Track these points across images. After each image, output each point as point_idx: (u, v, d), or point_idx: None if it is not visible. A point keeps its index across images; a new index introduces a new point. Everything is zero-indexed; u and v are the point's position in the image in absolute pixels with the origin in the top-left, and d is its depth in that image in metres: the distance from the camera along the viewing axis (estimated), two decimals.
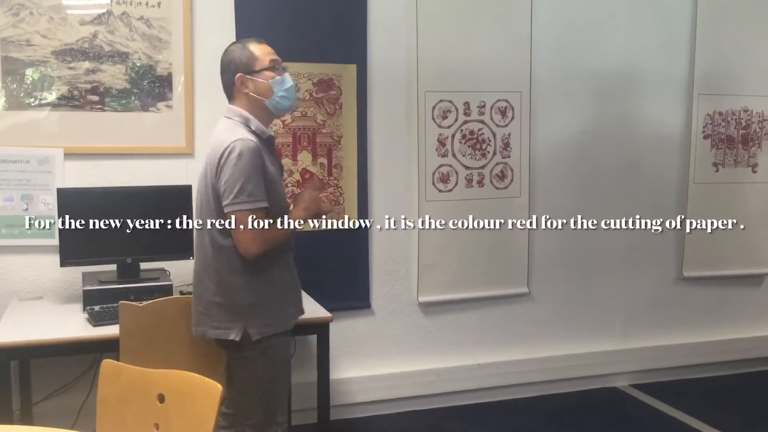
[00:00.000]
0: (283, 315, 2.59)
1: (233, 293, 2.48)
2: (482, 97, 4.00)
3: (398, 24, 3.85)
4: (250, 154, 2.39)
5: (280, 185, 2.60)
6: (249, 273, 2.47)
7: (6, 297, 3.35)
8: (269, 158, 2.52)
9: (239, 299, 2.48)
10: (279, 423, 2.61)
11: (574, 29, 4.17)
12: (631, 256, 4.38)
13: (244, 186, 2.37)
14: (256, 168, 2.40)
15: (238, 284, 2.48)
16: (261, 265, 2.48)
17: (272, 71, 2.53)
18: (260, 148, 2.45)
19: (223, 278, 2.48)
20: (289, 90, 2.56)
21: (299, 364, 3.73)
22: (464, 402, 4.10)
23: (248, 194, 2.38)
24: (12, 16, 3.29)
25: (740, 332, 4.65)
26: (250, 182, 2.38)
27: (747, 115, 4.50)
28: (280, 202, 2.54)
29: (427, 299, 4.02)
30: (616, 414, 4.05)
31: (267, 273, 2.51)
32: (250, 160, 2.39)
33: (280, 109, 2.59)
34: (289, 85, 2.56)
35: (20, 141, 3.34)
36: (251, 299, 2.49)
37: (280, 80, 2.53)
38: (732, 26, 4.38)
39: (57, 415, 3.33)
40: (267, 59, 2.54)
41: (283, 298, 2.59)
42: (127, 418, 1.99)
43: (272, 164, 2.53)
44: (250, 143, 2.41)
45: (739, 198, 4.51)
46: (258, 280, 2.49)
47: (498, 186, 4.08)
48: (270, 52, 2.57)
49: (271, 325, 2.52)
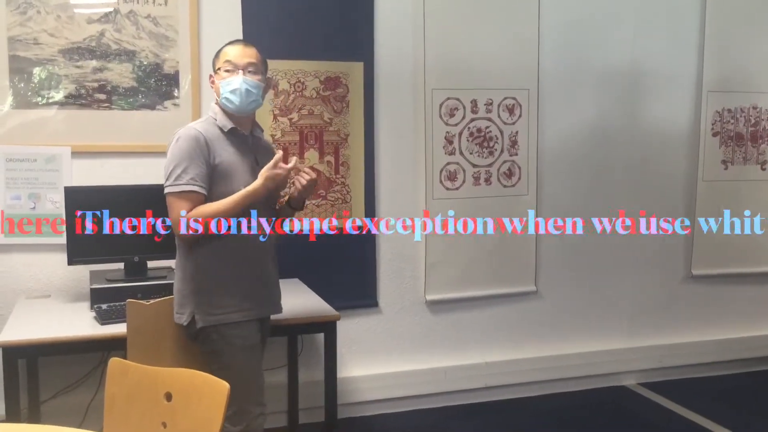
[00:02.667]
0: (229, 307, 2.54)
1: (183, 279, 2.57)
2: (489, 94, 3.99)
3: (405, 22, 3.84)
4: (185, 140, 2.47)
5: (241, 177, 2.54)
6: (194, 261, 2.53)
7: (14, 295, 3.36)
8: (231, 149, 2.55)
9: (186, 285, 2.56)
10: (251, 413, 2.60)
11: (581, 26, 4.15)
12: (639, 254, 4.37)
13: (173, 170, 2.46)
14: (191, 154, 2.45)
15: (186, 271, 2.56)
16: (202, 254, 2.52)
17: (226, 72, 2.56)
18: (203, 136, 2.49)
19: (179, 265, 2.60)
20: (234, 92, 2.53)
21: (307, 362, 3.74)
22: (472, 400, 4.09)
23: (176, 177, 2.45)
24: (19, 15, 3.29)
25: (749, 330, 4.62)
26: (179, 167, 2.45)
27: (756, 113, 4.47)
28: (236, 190, 2.50)
29: (435, 297, 4.01)
30: (624, 413, 4.03)
31: (208, 263, 2.53)
32: (183, 146, 2.46)
33: (229, 109, 2.57)
34: (233, 88, 2.53)
35: (28, 140, 3.34)
36: (194, 287, 2.54)
37: (227, 82, 2.54)
38: (741, 23, 4.36)
39: (64, 413, 3.35)
40: (223, 59, 2.58)
41: (225, 290, 2.54)
42: (135, 416, 1.98)
43: (235, 155, 2.55)
44: (191, 131, 2.49)
45: (749, 195, 4.48)
46: (201, 269, 2.53)
47: (505, 184, 4.07)
48: (231, 53, 2.58)
49: (214, 315, 2.52)
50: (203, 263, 2.53)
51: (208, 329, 2.53)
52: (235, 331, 2.55)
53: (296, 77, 3.67)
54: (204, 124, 2.57)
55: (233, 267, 2.55)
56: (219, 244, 2.52)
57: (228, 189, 2.50)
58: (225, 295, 2.54)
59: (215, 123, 2.58)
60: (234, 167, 2.54)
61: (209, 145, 2.50)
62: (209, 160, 2.48)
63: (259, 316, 2.63)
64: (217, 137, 2.54)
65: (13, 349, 2.71)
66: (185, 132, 2.50)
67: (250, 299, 2.59)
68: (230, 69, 2.56)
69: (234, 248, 2.54)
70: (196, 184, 2.45)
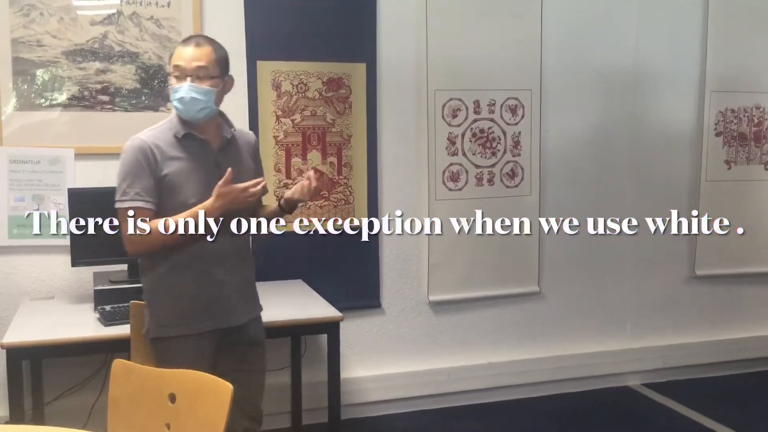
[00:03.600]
0: (176, 320, 2.45)
1: (144, 292, 2.53)
2: (492, 95, 3.99)
3: (408, 22, 3.84)
4: (129, 152, 2.39)
5: (192, 188, 2.42)
6: (152, 272, 2.48)
7: (17, 297, 3.37)
8: (185, 156, 2.42)
9: (146, 296, 2.52)
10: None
11: (584, 26, 4.15)
12: (642, 254, 4.36)
13: (120, 184, 2.40)
14: (135, 166, 2.37)
15: (144, 283, 2.52)
16: (159, 265, 2.45)
17: (174, 78, 2.42)
18: (149, 146, 2.38)
19: (141, 274, 2.54)
20: (181, 101, 2.38)
21: (310, 363, 3.74)
22: (475, 401, 4.09)
23: (122, 193, 2.39)
24: (22, 17, 3.30)
25: (753, 330, 4.61)
26: (125, 181, 2.38)
27: (759, 112, 4.46)
28: (186, 201, 2.41)
29: (438, 298, 4.01)
30: (628, 413, 4.02)
31: (163, 275, 2.46)
32: (128, 158, 2.39)
33: (181, 114, 2.43)
34: (179, 96, 2.38)
35: (31, 141, 3.35)
36: (150, 298, 2.49)
37: (175, 88, 2.40)
38: (744, 23, 4.35)
39: (68, 414, 3.35)
40: (173, 64, 2.42)
41: (176, 302, 2.45)
42: (138, 417, 1.99)
43: (189, 163, 2.43)
44: (135, 141, 2.40)
45: (752, 196, 4.47)
46: (157, 280, 2.47)
47: (508, 184, 4.06)
48: (180, 56, 2.40)
49: (162, 327, 2.45)
50: (160, 275, 2.46)
51: (156, 341, 2.46)
52: (182, 345, 2.43)
53: (299, 78, 3.67)
54: (157, 130, 2.45)
55: (184, 280, 2.45)
56: (172, 256, 2.43)
57: (176, 202, 2.40)
58: (175, 308, 2.45)
59: (170, 128, 2.46)
60: (184, 178, 2.41)
61: (156, 155, 2.38)
62: (155, 172, 2.38)
63: (212, 328, 2.49)
64: (169, 144, 2.42)
65: (17, 351, 2.72)
66: (130, 143, 2.40)
67: (203, 312, 2.47)
68: (178, 75, 2.40)
69: (186, 259, 2.43)
70: (142, 199, 2.36)
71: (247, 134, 2.72)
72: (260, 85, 3.62)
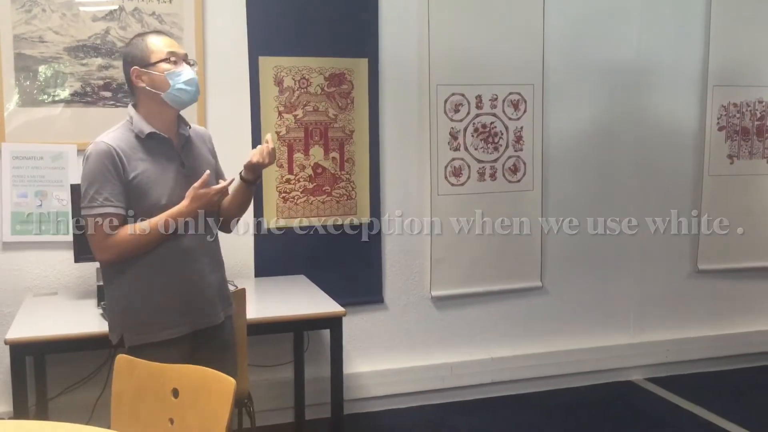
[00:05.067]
0: (156, 325, 2.38)
1: (109, 299, 2.45)
2: (494, 90, 3.98)
3: (410, 17, 3.84)
4: (94, 157, 2.30)
5: (162, 187, 2.37)
6: (122, 278, 2.38)
7: (21, 293, 3.38)
8: (150, 157, 2.37)
9: (116, 304, 2.43)
10: None
11: (586, 21, 4.14)
12: (645, 249, 4.36)
13: (86, 191, 2.31)
14: (102, 171, 2.29)
15: (110, 290, 2.43)
16: (130, 271, 2.37)
17: (168, 63, 2.37)
18: (114, 150, 2.31)
19: (107, 281, 2.45)
20: (190, 82, 2.38)
21: (313, 358, 3.74)
22: (478, 396, 4.09)
23: (89, 199, 2.30)
24: (24, 13, 3.30)
25: (756, 325, 4.61)
26: (92, 187, 2.30)
27: (762, 107, 4.45)
28: (156, 203, 2.36)
29: (440, 293, 4.01)
30: (631, 408, 4.03)
31: (136, 280, 2.38)
32: (93, 164, 2.30)
33: (178, 103, 2.40)
34: (189, 77, 2.38)
35: (34, 137, 3.35)
36: (124, 306, 2.39)
37: (178, 72, 2.37)
38: (747, 17, 4.34)
39: (72, 410, 3.36)
40: (164, 51, 2.38)
41: (154, 307, 2.38)
42: (142, 412, 1.99)
43: (155, 163, 2.37)
44: (100, 146, 2.31)
45: (755, 190, 4.47)
46: (129, 287, 2.38)
47: (510, 179, 4.06)
48: (169, 44, 2.40)
49: (141, 334, 2.37)
50: (132, 281, 2.38)
51: (135, 349, 2.34)
52: (163, 349, 2.35)
53: (301, 74, 3.67)
54: (117, 132, 2.38)
55: (162, 283, 2.39)
56: (146, 260, 2.36)
57: (147, 203, 2.34)
58: (154, 313, 2.38)
59: (131, 128, 2.39)
60: (153, 178, 2.36)
61: (122, 158, 2.31)
62: (123, 176, 2.31)
63: (193, 329, 2.44)
64: (132, 147, 2.35)
65: (20, 347, 2.72)
66: (94, 148, 2.31)
67: (182, 314, 2.41)
68: (175, 60, 2.38)
69: (162, 261, 2.38)
70: (112, 204, 2.30)
71: (202, 131, 2.65)
72: (262, 80, 3.61)
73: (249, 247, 3.67)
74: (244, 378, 2.85)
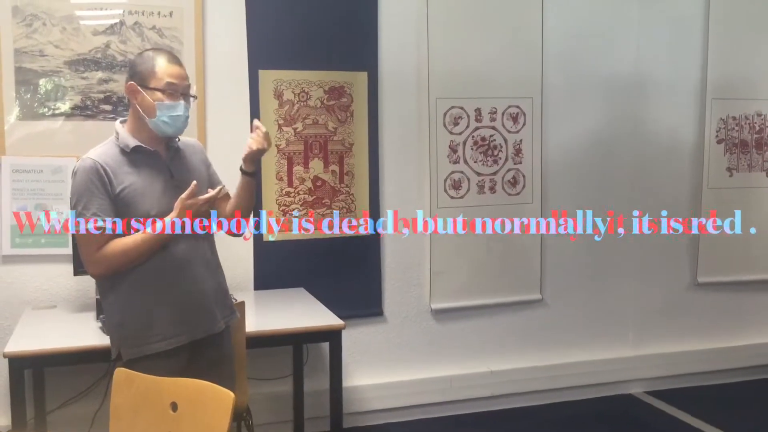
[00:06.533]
0: (153, 337, 2.37)
1: (106, 312, 2.46)
2: (493, 103, 4.00)
3: (409, 31, 3.85)
4: (81, 173, 2.32)
5: (149, 199, 2.38)
6: (116, 292, 2.39)
7: (20, 306, 3.37)
8: (137, 170, 2.38)
9: (110, 318, 2.44)
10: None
11: (585, 34, 4.16)
12: (644, 262, 4.36)
13: (75, 206, 2.33)
14: (89, 187, 2.31)
15: (106, 304, 2.43)
16: (124, 283, 2.37)
17: (164, 94, 2.37)
18: (101, 165, 2.32)
19: (102, 295, 2.46)
20: (175, 118, 2.39)
21: (312, 371, 3.73)
22: (477, 409, 4.08)
23: (78, 214, 2.32)
24: (25, 27, 3.31)
25: (756, 338, 4.60)
26: (80, 203, 2.31)
27: (761, 120, 4.47)
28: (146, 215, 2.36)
29: (440, 306, 4.01)
30: (631, 421, 4.02)
31: (130, 292, 2.38)
32: (80, 180, 2.32)
33: (160, 132, 2.40)
34: (176, 114, 2.38)
35: (34, 151, 3.36)
36: (119, 319, 2.40)
37: (169, 105, 2.37)
38: (745, 30, 4.36)
39: (71, 423, 3.35)
40: (164, 80, 2.37)
41: (150, 319, 2.38)
42: (140, 426, 1.99)
43: (142, 176, 2.38)
44: (86, 162, 2.33)
45: (754, 203, 4.47)
46: (124, 299, 2.39)
47: (510, 192, 4.07)
48: (173, 74, 2.39)
49: (138, 347, 2.37)
50: (126, 293, 2.38)
51: (133, 362, 2.33)
52: (161, 361, 2.35)
53: (300, 87, 3.68)
54: (104, 148, 2.40)
55: (156, 294, 2.38)
56: (139, 271, 2.36)
57: (136, 215, 2.35)
58: (150, 325, 2.37)
59: (116, 143, 2.40)
60: (140, 191, 2.37)
61: (108, 173, 2.32)
62: (110, 191, 2.32)
63: (190, 339, 2.42)
64: (118, 161, 2.37)
65: (19, 360, 2.72)
66: (81, 164, 2.34)
67: (178, 324, 2.40)
68: (171, 92, 2.38)
69: (155, 272, 2.38)
70: (100, 218, 2.30)
71: (193, 143, 2.66)
72: (262, 93, 3.63)
73: (248, 261, 3.67)
74: (243, 391, 2.85)
